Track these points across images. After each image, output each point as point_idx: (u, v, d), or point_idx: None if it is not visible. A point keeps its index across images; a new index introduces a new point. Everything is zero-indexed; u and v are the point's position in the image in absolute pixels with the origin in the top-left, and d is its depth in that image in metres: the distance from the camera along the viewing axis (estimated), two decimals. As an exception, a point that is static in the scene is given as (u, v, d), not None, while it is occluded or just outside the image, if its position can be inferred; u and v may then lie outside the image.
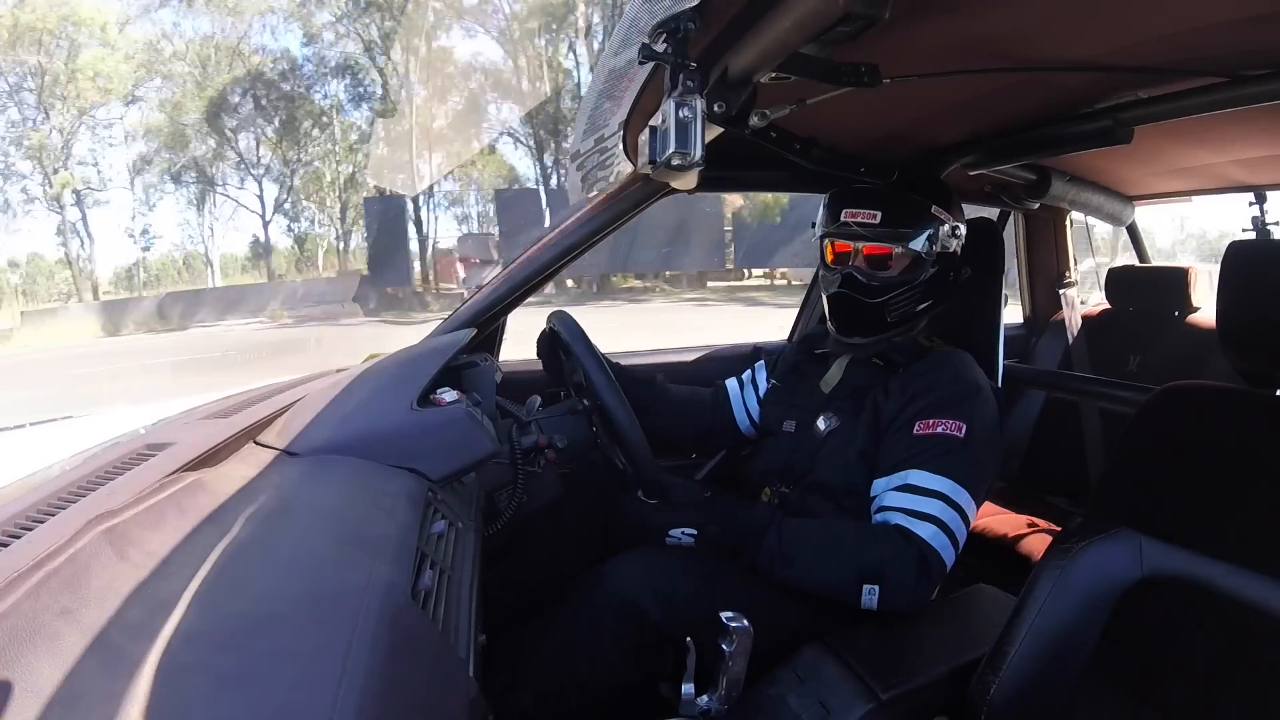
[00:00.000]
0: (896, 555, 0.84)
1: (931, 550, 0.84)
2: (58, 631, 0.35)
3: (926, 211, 1.02)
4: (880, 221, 1.01)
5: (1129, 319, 1.92)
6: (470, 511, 0.74)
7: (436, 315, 7.77)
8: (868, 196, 1.04)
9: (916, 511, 0.87)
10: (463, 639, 0.48)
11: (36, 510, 0.49)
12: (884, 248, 1.02)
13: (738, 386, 1.31)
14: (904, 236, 1.02)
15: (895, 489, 0.90)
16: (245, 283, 17.83)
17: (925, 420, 0.93)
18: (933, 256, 1.03)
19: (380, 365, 1.00)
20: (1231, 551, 0.64)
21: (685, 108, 0.57)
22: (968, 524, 0.88)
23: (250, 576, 0.46)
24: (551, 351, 1.15)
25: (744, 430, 1.27)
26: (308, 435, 0.73)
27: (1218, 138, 1.21)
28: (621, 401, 0.94)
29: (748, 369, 1.32)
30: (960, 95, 0.94)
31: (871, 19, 0.54)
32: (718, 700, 0.74)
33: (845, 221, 1.03)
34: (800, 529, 0.90)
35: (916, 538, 0.85)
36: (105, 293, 17.43)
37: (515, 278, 1.28)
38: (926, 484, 0.88)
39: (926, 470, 0.89)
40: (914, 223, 1.02)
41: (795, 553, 0.87)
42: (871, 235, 1.02)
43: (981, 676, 0.74)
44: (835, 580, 0.86)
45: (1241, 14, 0.65)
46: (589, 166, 1.06)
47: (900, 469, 0.91)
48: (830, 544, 0.88)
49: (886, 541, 0.86)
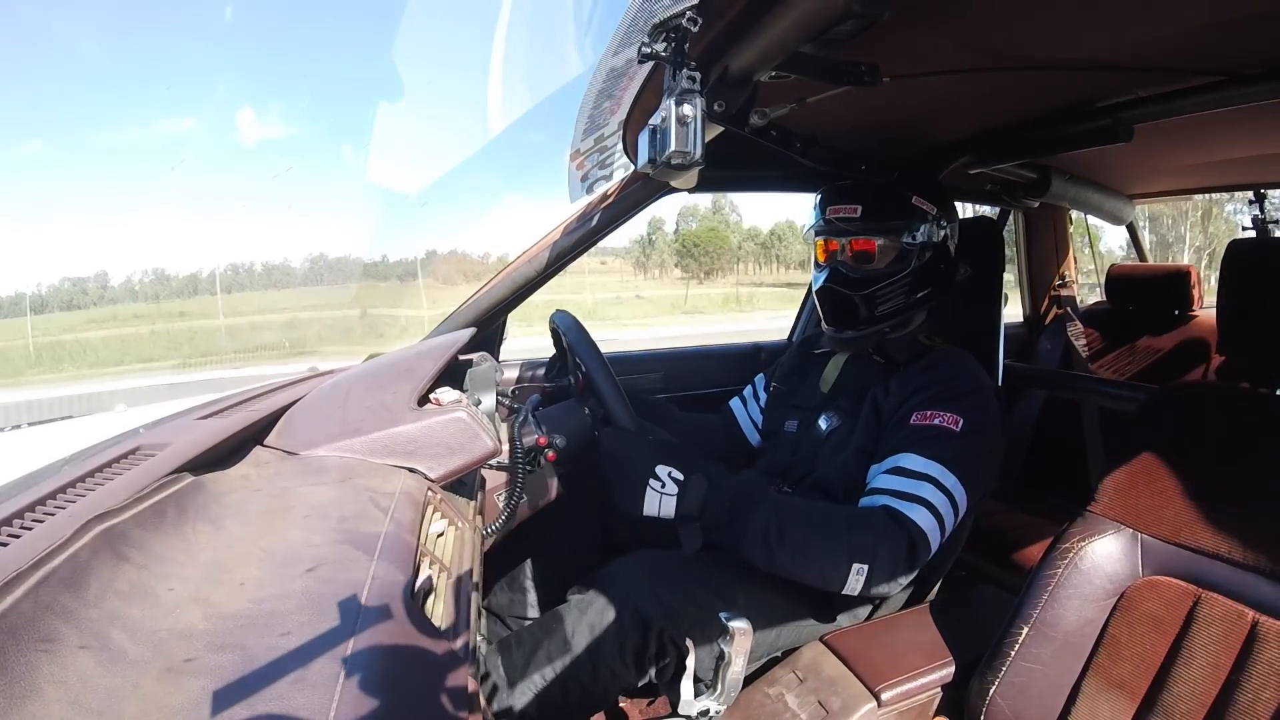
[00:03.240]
0: (886, 536, 0.83)
1: (920, 532, 0.83)
2: (58, 631, 0.35)
3: (907, 203, 1.03)
4: (860, 215, 1.03)
5: (1129, 319, 1.92)
6: (470, 511, 0.74)
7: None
8: (849, 192, 1.06)
9: (905, 494, 0.86)
10: (462, 639, 0.48)
11: (36, 510, 0.49)
12: (868, 241, 1.04)
13: (741, 404, 1.31)
14: (886, 229, 1.03)
15: (886, 471, 0.90)
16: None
17: (922, 412, 0.93)
18: (917, 247, 1.03)
19: (380, 364, 1.00)
20: (1231, 551, 0.64)
21: (685, 106, 0.57)
22: (957, 512, 0.87)
23: (249, 576, 0.46)
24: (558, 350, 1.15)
25: (755, 445, 1.27)
26: (307, 435, 0.73)
27: (1218, 137, 1.21)
28: (621, 398, 0.94)
29: (748, 385, 1.33)
30: (960, 95, 0.94)
31: (871, 18, 0.54)
32: (717, 700, 0.74)
33: (829, 218, 1.06)
34: (792, 505, 0.89)
35: (906, 519, 0.84)
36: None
37: (515, 277, 1.28)
38: (917, 467, 0.87)
39: (918, 454, 0.88)
40: (895, 214, 1.03)
41: (787, 528, 0.84)
42: (854, 229, 1.04)
43: (981, 676, 0.74)
44: (825, 559, 0.83)
45: (1241, 14, 0.65)
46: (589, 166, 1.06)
47: (893, 454, 0.91)
48: (821, 522, 0.86)
49: (877, 522, 0.85)
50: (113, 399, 3.64)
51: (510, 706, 0.84)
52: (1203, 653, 0.63)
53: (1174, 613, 0.66)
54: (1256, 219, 1.95)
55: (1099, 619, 0.70)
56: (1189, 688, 0.63)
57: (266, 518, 0.55)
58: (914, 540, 0.83)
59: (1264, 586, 0.61)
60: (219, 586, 0.44)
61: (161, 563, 0.45)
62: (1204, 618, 0.64)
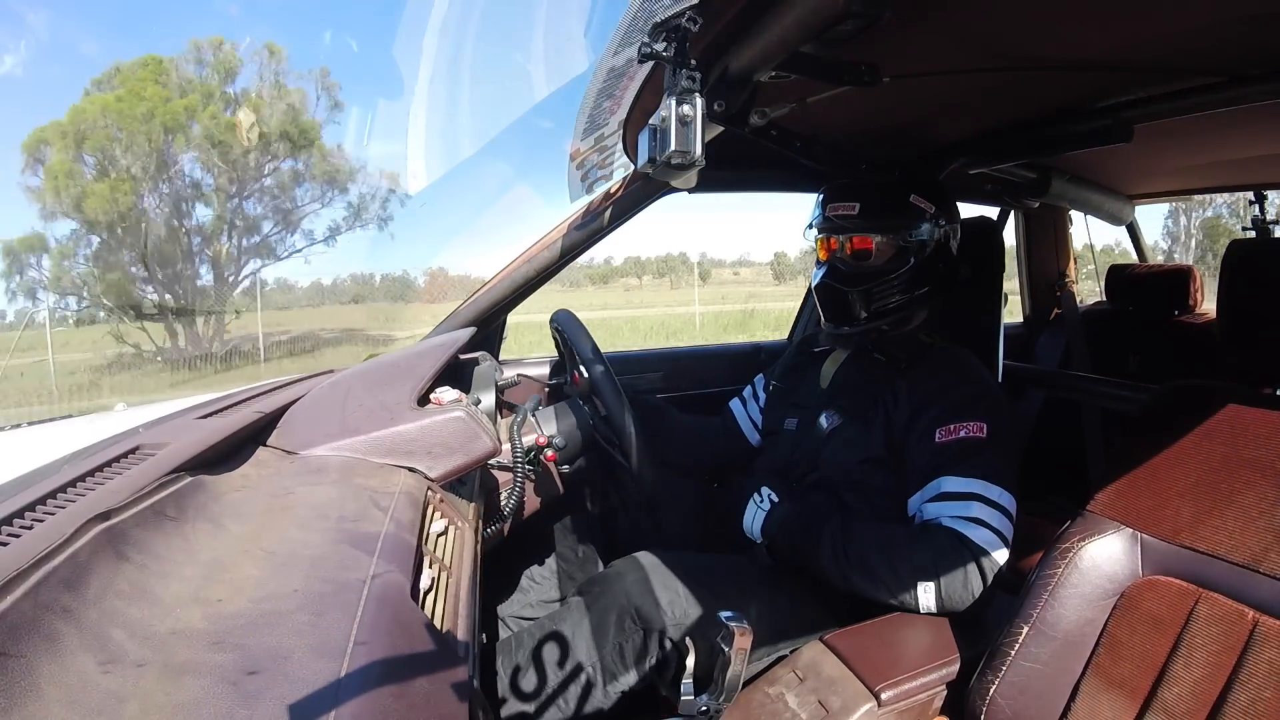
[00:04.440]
0: (949, 552, 0.84)
1: (981, 550, 0.84)
2: (58, 631, 0.35)
3: (906, 201, 1.04)
4: (859, 213, 1.04)
5: (1129, 318, 1.92)
6: (470, 511, 0.74)
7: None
8: (847, 190, 1.06)
9: (960, 517, 0.86)
10: (462, 639, 0.48)
11: (36, 510, 0.49)
12: (866, 239, 1.05)
13: (741, 405, 1.32)
14: (884, 227, 1.04)
15: (931, 500, 0.90)
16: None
17: (945, 427, 0.93)
18: (915, 245, 1.04)
19: (380, 364, 1.00)
20: (1232, 551, 0.64)
21: (685, 106, 0.57)
22: (1012, 519, 0.88)
23: (249, 576, 0.46)
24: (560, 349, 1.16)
25: (756, 445, 1.27)
26: (307, 434, 0.73)
27: (1218, 137, 1.21)
28: (620, 398, 0.94)
29: (748, 385, 1.33)
30: (960, 94, 0.94)
31: (871, 18, 0.54)
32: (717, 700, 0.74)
33: (829, 216, 1.07)
34: (855, 526, 0.91)
35: (967, 540, 0.84)
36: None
37: (515, 277, 1.28)
38: (960, 489, 0.88)
39: (956, 475, 0.89)
40: (893, 213, 1.04)
41: (853, 548, 0.89)
42: (852, 226, 1.05)
43: (981, 677, 0.74)
44: (891, 578, 0.86)
45: (1241, 14, 0.65)
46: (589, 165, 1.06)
47: (931, 479, 0.91)
48: (885, 541, 0.88)
49: (939, 538, 0.86)
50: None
51: (511, 708, 0.84)
52: (1203, 652, 0.63)
53: (1174, 612, 0.66)
54: (1256, 219, 1.95)
55: (1099, 619, 0.70)
56: (1189, 687, 0.63)
57: (266, 517, 0.55)
58: (979, 561, 0.83)
59: (1264, 586, 0.61)
60: (219, 586, 0.44)
61: (161, 562, 0.45)
62: (1204, 617, 0.64)
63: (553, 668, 0.86)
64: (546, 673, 0.86)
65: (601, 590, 0.90)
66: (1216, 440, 0.70)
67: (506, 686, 0.85)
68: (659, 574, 0.90)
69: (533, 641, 0.88)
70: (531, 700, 0.84)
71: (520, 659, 0.87)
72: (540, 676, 0.86)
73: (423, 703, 0.37)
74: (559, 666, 0.86)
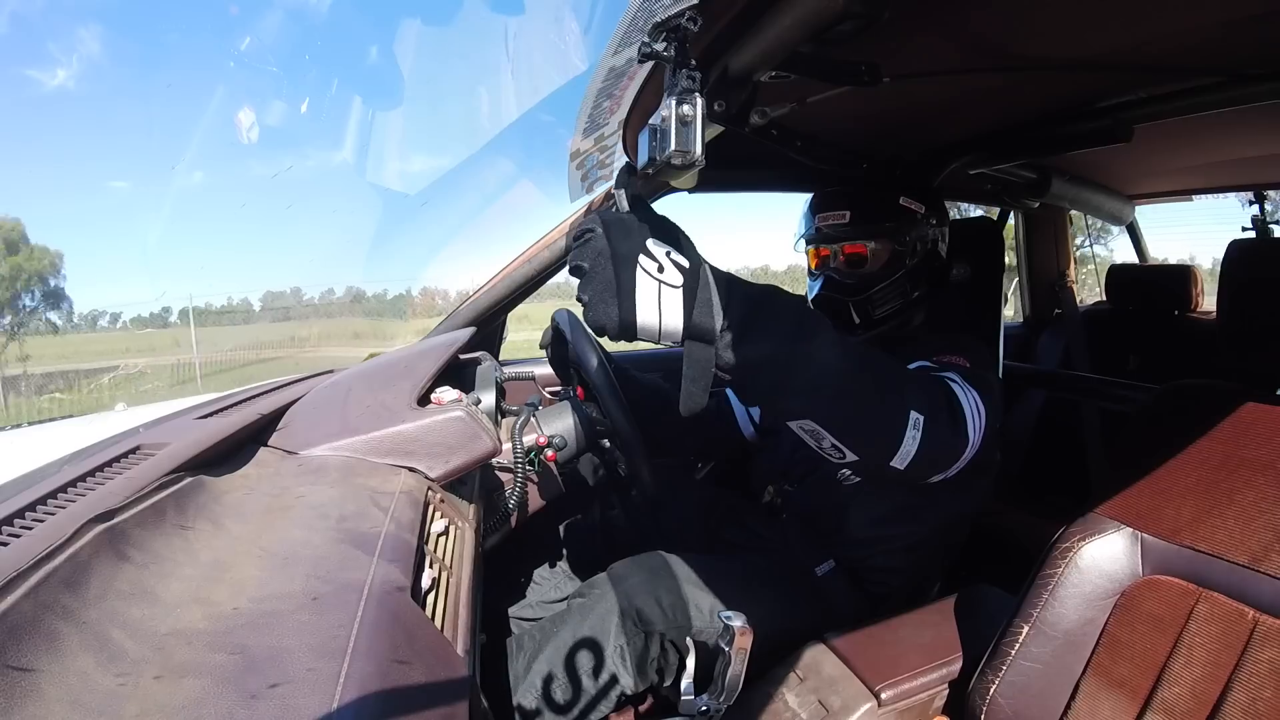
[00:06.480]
0: (937, 393, 0.72)
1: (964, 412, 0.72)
2: (58, 632, 0.35)
3: (895, 204, 1.03)
4: (850, 220, 1.03)
5: (1129, 318, 1.92)
6: (470, 512, 0.74)
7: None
8: (836, 198, 1.05)
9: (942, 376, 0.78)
10: (463, 639, 0.48)
11: (36, 510, 0.49)
12: (859, 246, 1.04)
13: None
14: (877, 232, 1.03)
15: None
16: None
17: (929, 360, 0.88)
18: (908, 247, 1.03)
19: (380, 364, 1.00)
20: (1232, 551, 0.64)
21: (685, 106, 0.57)
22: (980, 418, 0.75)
23: (250, 576, 0.46)
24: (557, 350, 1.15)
25: (747, 435, 1.27)
26: (307, 434, 0.73)
27: (1218, 137, 1.21)
28: (620, 400, 0.94)
29: None
30: (960, 95, 0.94)
31: (871, 18, 0.55)
32: (717, 700, 0.74)
33: (820, 226, 1.06)
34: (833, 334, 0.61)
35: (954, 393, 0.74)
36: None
37: (515, 277, 1.28)
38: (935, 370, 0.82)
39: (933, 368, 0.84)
40: (884, 216, 1.03)
41: (853, 341, 0.62)
42: (844, 235, 1.04)
43: (981, 676, 0.74)
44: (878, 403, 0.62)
45: (1241, 14, 0.65)
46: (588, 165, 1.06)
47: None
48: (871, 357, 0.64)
49: (927, 379, 0.76)
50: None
51: (512, 709, 0.84)
52: (1203, 652, 0.63)
53: (1174, 612, 0.66)
54: (1256, 219, 1.95)
55: (1099, 618, 0.70)
56: (1189, 687, 0.63)
57: (266, 517, 0.55)
58: (960, 414, 0.71)
59: (1264, 586, 0.61)
60: (219, 586, 0.44)
61: (162, 562, 0.45)
62: (1204, 617, 0.64)
63: (554, 670, 0.86)
64: (548, 675, 0.86)
65: (602, 593, 0.90)
66: (1217, 440, 0.70)
67: (507, 688, 0.85)
68: (660, 576, 0.90)
69: (534, 644, 0.88)
70: (533, 702, 0.84)
71: (522, 661, 0.87)
72: (542, 679, 0.86)
73: (423, 702, 0.37)
74: (560, 669, 0.86)
